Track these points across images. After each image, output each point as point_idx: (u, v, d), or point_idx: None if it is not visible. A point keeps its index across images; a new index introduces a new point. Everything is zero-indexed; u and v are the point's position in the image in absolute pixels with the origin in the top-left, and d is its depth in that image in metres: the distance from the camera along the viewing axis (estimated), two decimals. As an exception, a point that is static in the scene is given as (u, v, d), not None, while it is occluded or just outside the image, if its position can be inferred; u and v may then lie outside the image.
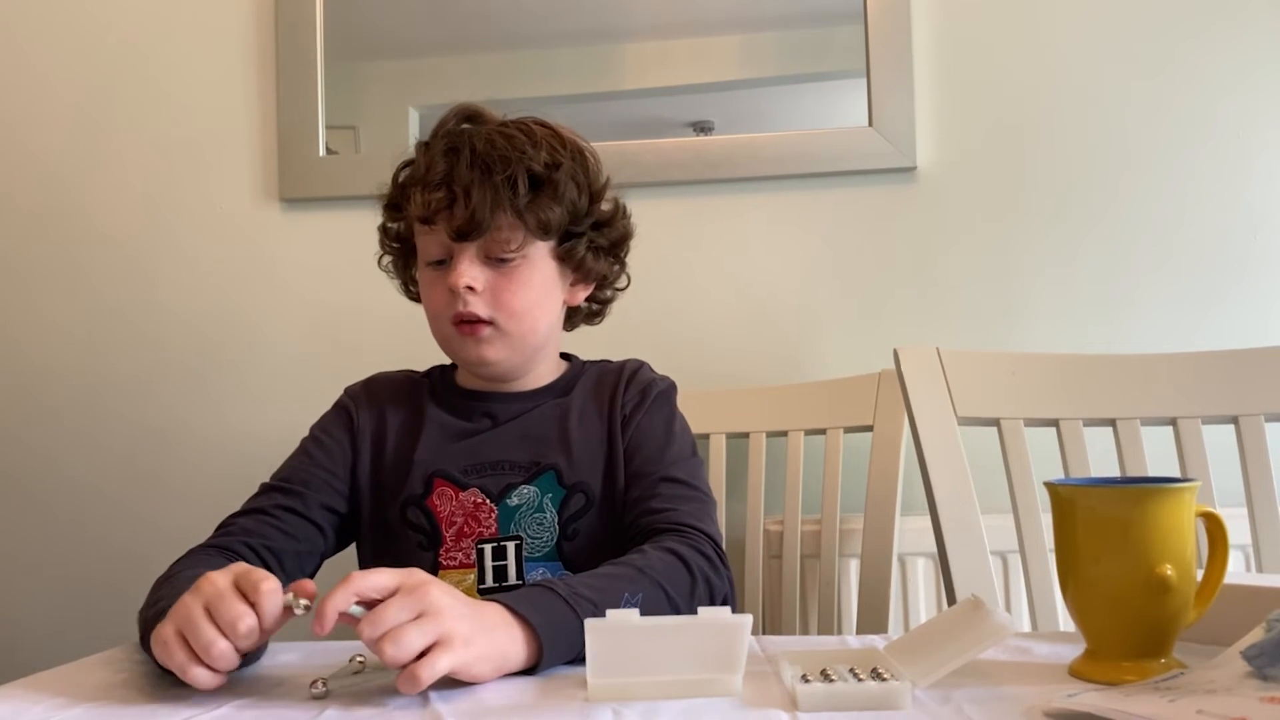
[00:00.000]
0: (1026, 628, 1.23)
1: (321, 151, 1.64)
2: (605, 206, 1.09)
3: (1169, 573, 0.69)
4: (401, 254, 1.12)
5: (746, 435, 1.42)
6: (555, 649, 0.76)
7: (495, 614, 0.75)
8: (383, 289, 1.15)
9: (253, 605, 0.70)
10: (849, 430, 1.38)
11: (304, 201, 1.65)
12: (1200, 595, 0.73)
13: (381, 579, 0.71)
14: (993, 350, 1.38)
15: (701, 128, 1.59)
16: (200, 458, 1.65)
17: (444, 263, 1.02)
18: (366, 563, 1.08)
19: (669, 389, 1.11)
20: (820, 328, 1.56)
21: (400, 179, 1.07)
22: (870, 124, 1.53)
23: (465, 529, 1.02)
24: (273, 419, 1.63)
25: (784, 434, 1.41)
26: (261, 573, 0.72)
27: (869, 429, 1.37)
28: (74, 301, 1.70)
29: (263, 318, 1.66)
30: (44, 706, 0.71)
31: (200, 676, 0.70)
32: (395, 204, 1.08)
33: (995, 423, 1.21)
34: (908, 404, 1.23)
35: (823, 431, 1.39)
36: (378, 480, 1.07)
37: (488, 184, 0.98)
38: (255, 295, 1.66)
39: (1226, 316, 1.49)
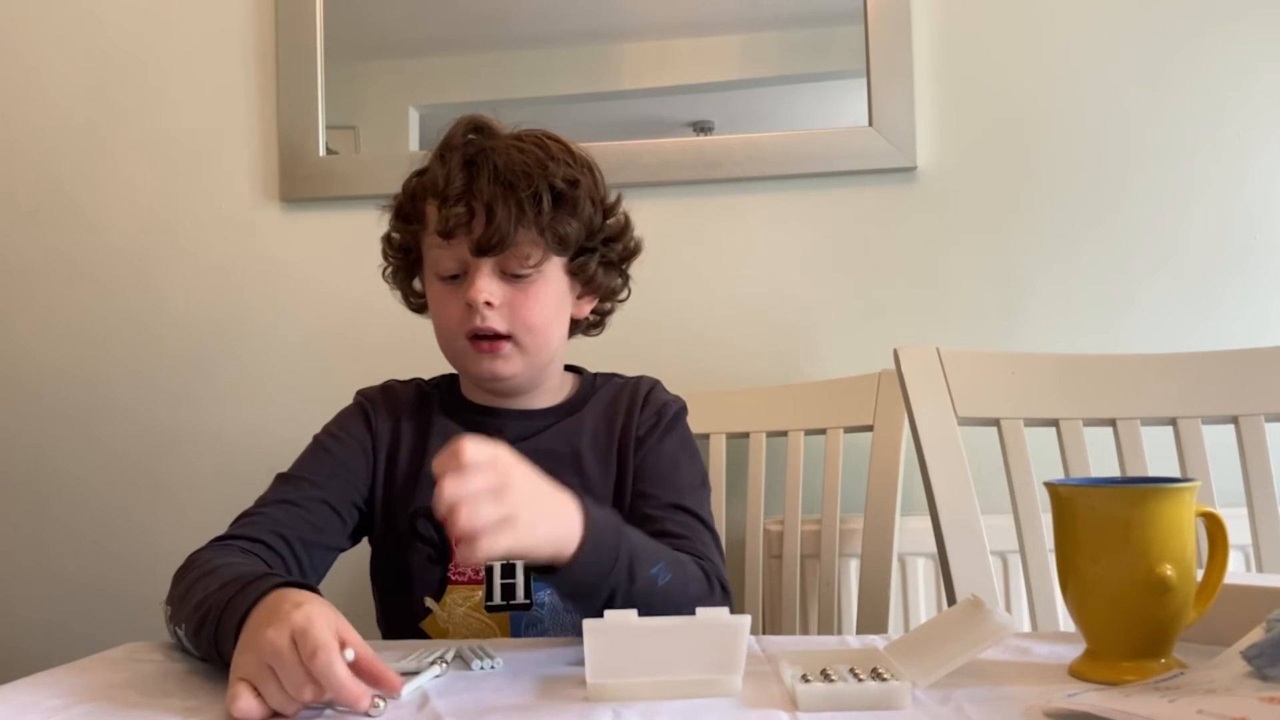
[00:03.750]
0: (1026, 628, 1.22)
1: (321, 151, 1.64)
2: (615, 221, 1.08)
3: (1169, 573, 0.69)
4: (405, 265, 1.10)
5: (746, 435, 1.42)
6: (594, 556, 0.80)
7: (566, 507, 0.80)
8: (383, 289, 1.15)
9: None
10: (849, 430, 1.38)
11: (304, 201, 1.65)
12: (1200, 595, 0.73)
13: (469, 453, 0.73)
14: (993, 350, 1.38)
15: (701, 128, 1.59)
16: (201, 458, 1.65)
17: (457, 277, 1.01)
18: (377, 572, 1.08)
19: (682, 410, 1.11)
20: (820, 328, 1.56)
21: (412, 189, 1.05)
22: (870, 124, 1.53)
23: None
24: (273, 419, 1.63)
25: (784, 434, 1.41)
26: (315, 640, 0.66)
27: (869, 429, 1.37)
28: (74, 301, 1.70)
29: (263, 318, 1.66)
30: (44, 706, 0.71)
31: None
32: (405, 215, 1.06)
33: (995, 423, 1.21)
34: (908, 404, 1.23)
35: (823, 431, 1.39)
36: (389, 489, 1.06)
37: (511, 199, 0.97)
38: (255, 295, 1.66)
39: (1226, 316, 1.49)
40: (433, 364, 1.14)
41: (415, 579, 1.03)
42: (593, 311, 1.11)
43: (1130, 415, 1.21)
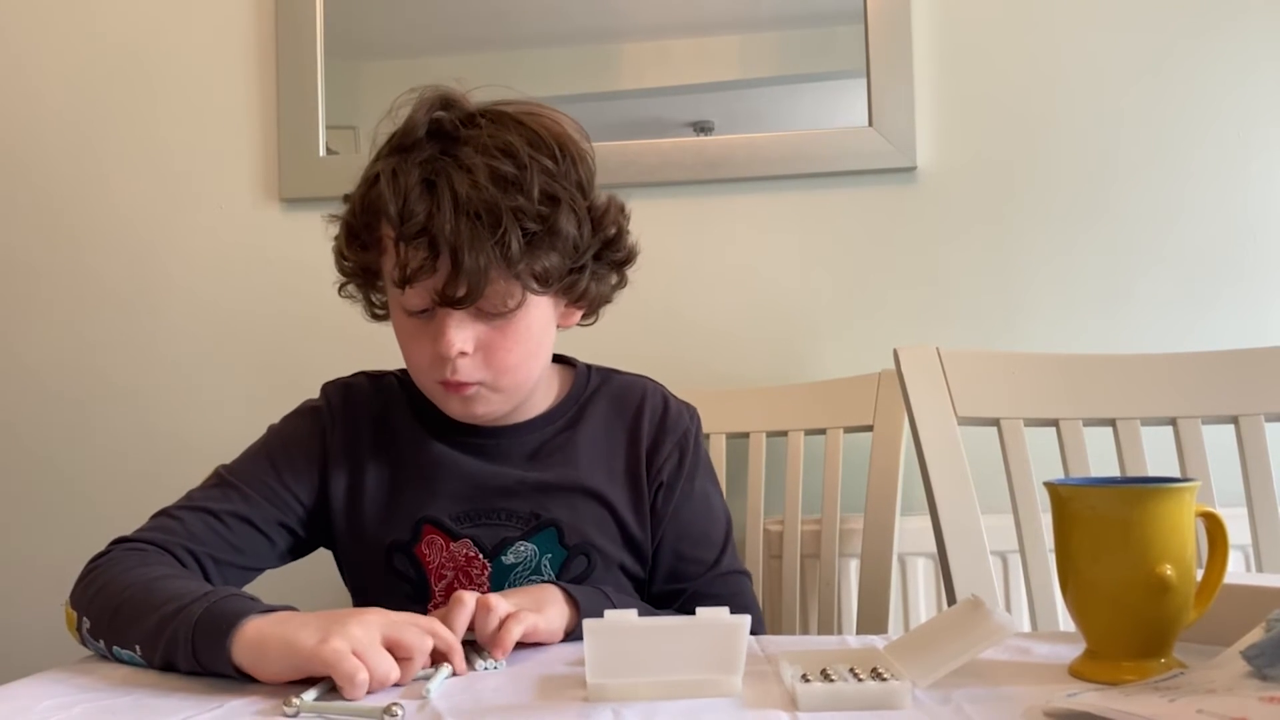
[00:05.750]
0: (1026, 628, 1.23)
1: (321, 151, 1.64)
2: (607, 227, 0.95)
3: (1169, 573, 0.69)
4: (364, 278, 0.98)
5: (746, 435, 1.41)
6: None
7: (552, 594, 0.87)
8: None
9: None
10: (849, 430, 1.38)
11: (304, 201, 1.65)
12: (1200, 595, 0.73)
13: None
14: (993, 350, 1.38)
15: (701, 128, 1.59)
16: (199, 458, 1.64)
17: (426, 311, 0.90)
18: (354, 593, 1.02)
19: (698, 427, 1.03)
20: (820, 328, 1.56)
21: (364, 206, 0.92)
22: (870, 124, 1.53)
23: (456, 584, 0.95)
24: (273, 419, 1.63)
25: (784, 434, 1.41)
26: (428, 619, 0.78)
27: (869, 429, 1.37)
28: (73, 301, 1.70)
29: (263, 318, 1.66)
30: (44, 706, 0.71)
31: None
32: (361, 240, 0.93)
33: (995, 423, 1.21)
34: (908, 404, 1.23)
35: (823, 431, 1.39)
36: (354, 508, 0.98)
37: (478, 245, 0.84)
38: (255, 295, 1.66)
39: (1225, 316, 1.49)
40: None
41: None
42: (585, 314, 1.01)
43: (1130, 415, 1.21)
